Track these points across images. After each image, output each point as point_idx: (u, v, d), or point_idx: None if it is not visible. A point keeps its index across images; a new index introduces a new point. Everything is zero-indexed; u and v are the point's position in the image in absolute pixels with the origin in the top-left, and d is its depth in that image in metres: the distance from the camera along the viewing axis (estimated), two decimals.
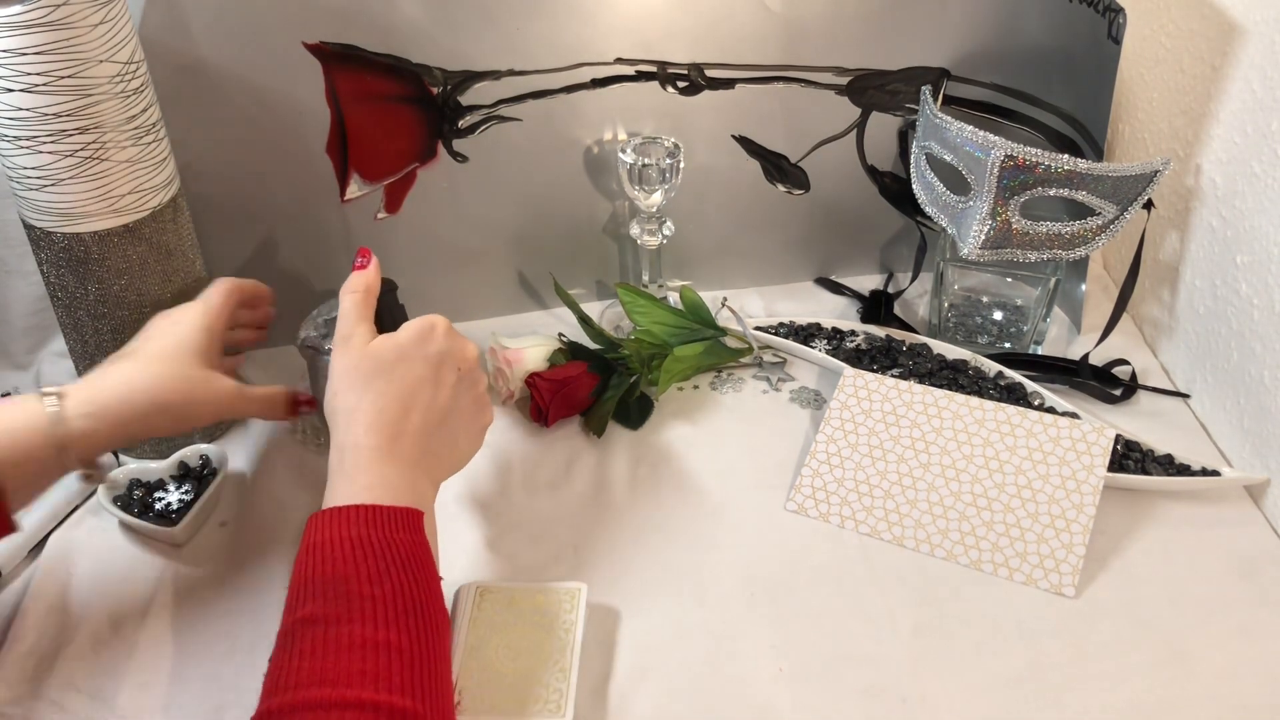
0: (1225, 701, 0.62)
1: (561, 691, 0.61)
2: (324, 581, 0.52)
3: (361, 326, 0.63)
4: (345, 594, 0.52)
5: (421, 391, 0.61)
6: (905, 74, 0.88)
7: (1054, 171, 0.75)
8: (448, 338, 0.63)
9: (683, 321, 0.86)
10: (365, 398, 0.60)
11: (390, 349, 0.61)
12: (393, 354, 0.61)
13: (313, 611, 0.51)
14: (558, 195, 0.89)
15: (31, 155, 0.65)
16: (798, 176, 0.92)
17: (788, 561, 0.71)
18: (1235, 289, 0.78)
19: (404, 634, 0.51)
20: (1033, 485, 0.73)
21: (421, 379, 0.61)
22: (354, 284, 0.65)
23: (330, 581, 0.52)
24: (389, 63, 0.81)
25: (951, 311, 0.91)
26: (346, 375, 0.61)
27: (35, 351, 0.88)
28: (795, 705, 0.62)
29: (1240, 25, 0.76)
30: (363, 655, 0.49)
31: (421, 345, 0.62)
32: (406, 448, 0.59)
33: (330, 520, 0.55)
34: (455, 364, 0.63)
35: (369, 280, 0.65)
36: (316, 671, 0.49)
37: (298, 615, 0.51)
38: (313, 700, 0.47)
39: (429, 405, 0.61)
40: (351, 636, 0.50)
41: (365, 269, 0.65)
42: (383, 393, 0.60)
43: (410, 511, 0.57)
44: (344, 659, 0.49)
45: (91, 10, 0.62)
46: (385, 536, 0.55)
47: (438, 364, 0.62)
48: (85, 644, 0.66)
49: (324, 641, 0.50)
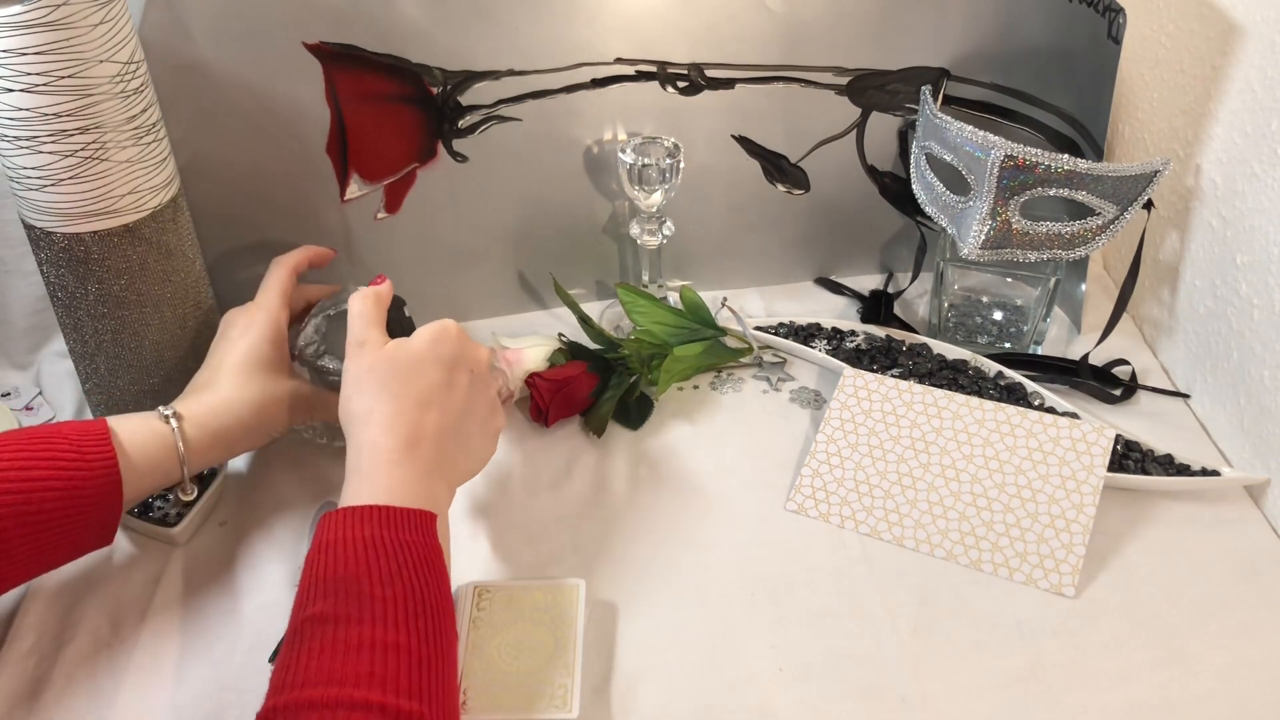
0: (1225, 701, 0.62)
1: (566, 687, 0.61)
2: (335, 581, 0.52)
3: (373, 331, 0.63)
4: (355, 594, 0.52)
5: (437, 393, 0.61)
6: (905, 74, 0.88)
7: (1054, 171, 0.75)
8: (460, 341, 0.64)
9: (683, 321, 0.86)
10: (382, 400, 0.60)
11: (405, 352, 0.62)
12: (407, 357, 0.62)
13: (322, 610, 0.51)
14: (558, 195, 0.89)
15: (31, 155, 0.65)
16: (798, 176, 0.92)
17: (788, 561, 0.71)
18: (1235, 289, 0.78)
19: (412, 636, 0.51)
20: (1033, 485, 0.73)
21: (437, 381, 0.62)
22: (364, 291, 0.66)
23: (341, 581, 0.52)
24: (389, 63, 0.81)
25: (951, 311, 0.91)
26: (361, 379, 0.61)
27: (35, 351, 0.88)
28: (795, 705, 0.62)
29: (1240, 25, 0.76)
30: (370, 656, 0.49)
31: (435, 348, 0.62)
32: (423, 450, 0.60)
33: (343, 520, 0.56)
34: (468, 367, 0.64)
35: (379, 290, 0.67)
36: (324, 670, 0.49)
37: (307, 613, 0.52)
38: (318, 699, 0.47)
39: (444, 407, 0.61)
40: (360, 637, 0.50)
41: (378, 285, 0.68)
42: (399, 395, 0.60)
43: (423, 514, 0.57)
44: (351, 659, 0.49)
45: (91, 10, 0.62)
46: (397, 538, 0.55)
47: (451, 366, 0.63)
48: (85, 644, 0.66)
49: (332, 641, 0.50)
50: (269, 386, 0.70)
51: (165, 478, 0.66)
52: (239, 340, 0.71)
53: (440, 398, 0.62)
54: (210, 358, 0.72)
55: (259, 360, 0.71)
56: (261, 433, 0.71)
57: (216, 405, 0.68)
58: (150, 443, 0.65)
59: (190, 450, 0.66)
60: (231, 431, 0.69)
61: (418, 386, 0.61)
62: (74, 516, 0.61)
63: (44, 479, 0.59)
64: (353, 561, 0.53)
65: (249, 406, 0.69)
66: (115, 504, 0.63)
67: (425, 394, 0.61)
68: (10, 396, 0.85)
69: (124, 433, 0.64)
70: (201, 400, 0.68)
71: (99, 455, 0.62)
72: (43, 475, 0.59)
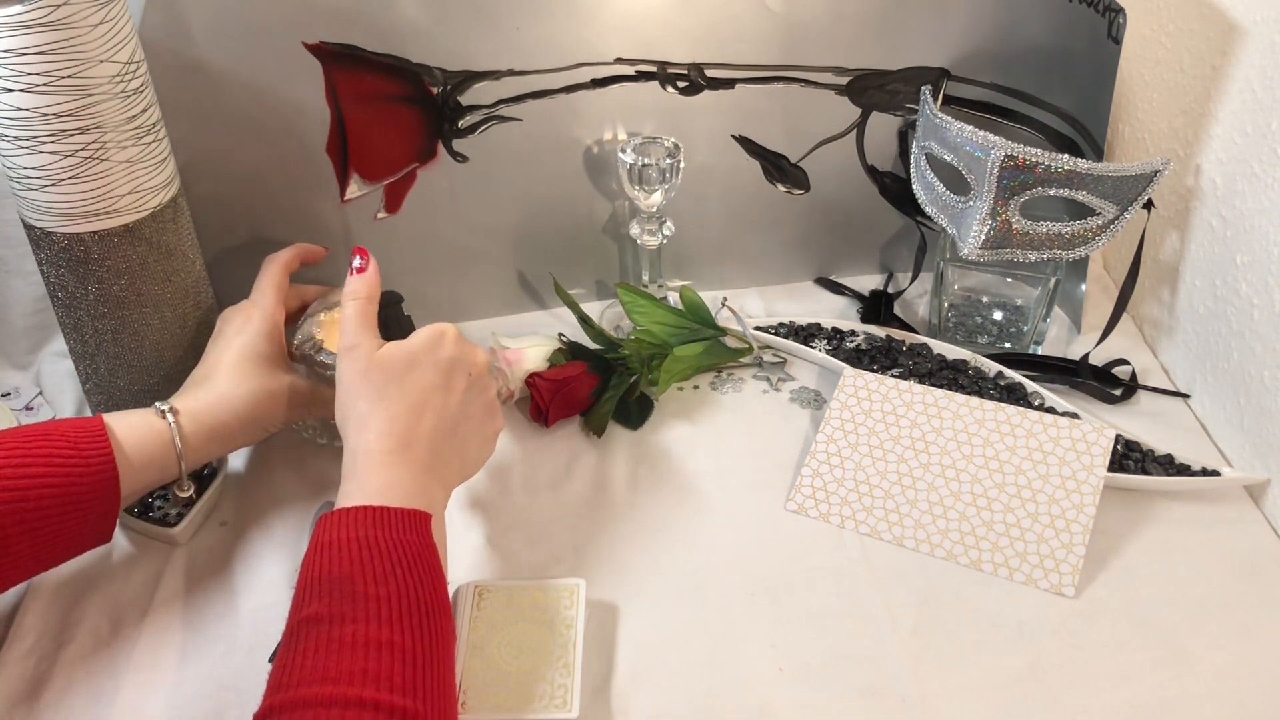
0: (1225, 701, 0.62)
1: (566, 687, 0.61)
2: (330, 581, 0.53)
3: (365, 335, 0.63)
4: (350, 594, 0.52)
5: (433, 398, 0.61)
6: (905, 74, 0.88)
7: (1054, 171, 0.75)
8: (457, 344, 0.64)
9: (683, 321, 0.86)
10: (377, 405, 0.60)
11: (401, 356, 0.61)
12: (403, 361, 0.61)
13: (318, 611, 0.51)
14: (558, 195, 0.89)
15: (31, 155, 0.65)
16: (798, 176, 0.92)
17: (788, 561, 0.71)
18: (1235, 289, 0.78)
19: (408, 634, 0.51)
20: (1033, 485, 0.73)
21: (433, 385, 0.62)
22: (355, 290, 0.65)
23: (336, 581, 0.52)
24: (389, 63, 0.81)
25: (951, 311, 0.91)
26: (355, 383, 0.61)
27: (35, 351, 0.88)
28: (795, 705, 0.62)
29: (1240, 25, 0.76)
30: (365, 654, 0.50)
31: (432, 352, 0.62)
32: (419, 453, 0.60)
33: (339, 521, 0.56)
34: (466, 370, 0.64)
35: (369, 285, 0.65)
36: (319, 669, 0.49)
37: (303, 614, 0.52)
38: (314, 698, 0.47)
39: (440, 411, 0.61)
40: (355, 636, 0.50)
41: (365, 271, 0.66)
42: (395, 400, 0.60)
43: (418, 514, 0.57)
44: (347, 658, 0.49)
45: (91, 10, 0.62)
46: (392, 537, 0.55)
47: (448, 370, 0.62)
48: (85, 644, 0.66)
49: (327, 640, 0.50)
50: (265, 381, 0.70)
51: (162, 473, 0.66)
52: (235, 337, 0.71)
53: (435, 402, 0.61)
54: (207, 355, 0.72)
55: (255, 355, 0.71)
56: (258, 427, 0.71)
57: (212, 400, 0.68)
58: (147, 438, 0.65)
59: (187, 445, 0.66)
60: (228, 426, 0.69)
61: (412, 391, 0.61)
62: (72, 513, 0.61)
63: (41, 476, 0.59)
64: (347, 562, 0.53)
65: (245, 401, 0.69)
66: (113, 500, 0.63)
67: (419, 399, 0.61)
68: (10, 396, 0.85)
69: (120, 429, 0.64)
70: (197, 396, 0.68)
71: (96, 451, 0.62)
72: (40, 472, 0.59)
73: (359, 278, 0.65)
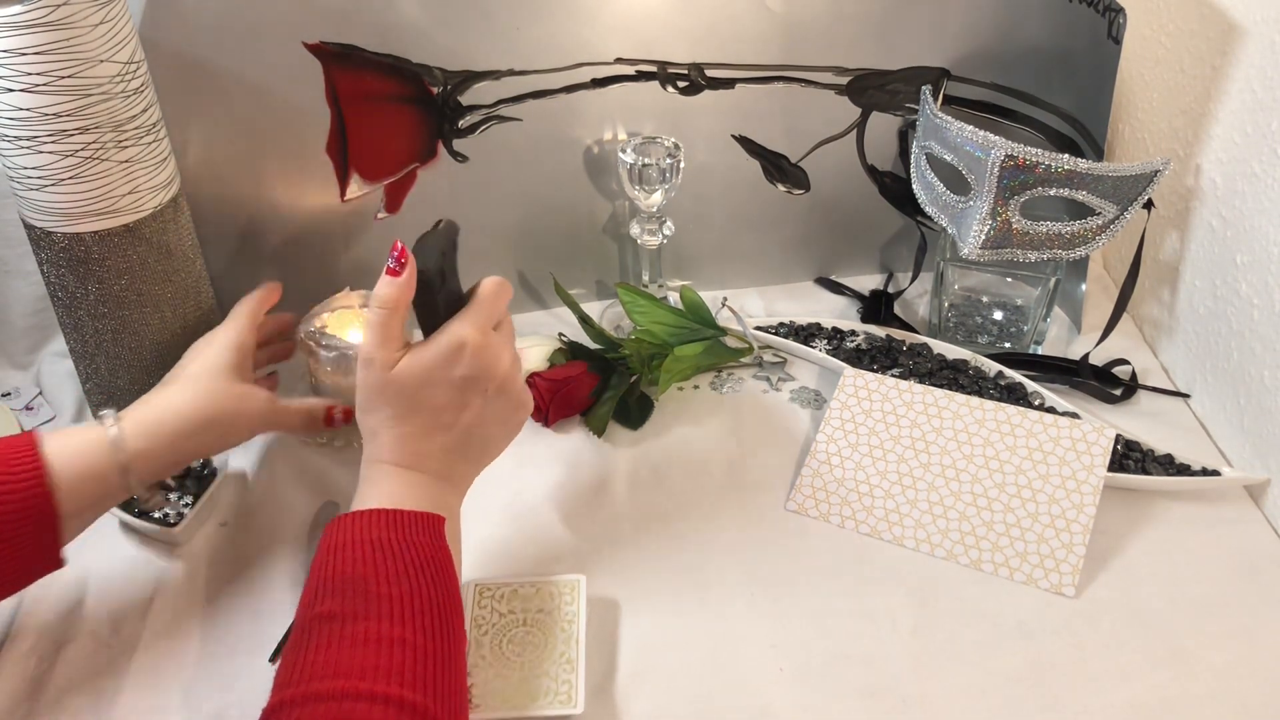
0: (1225, 701, 0.62)
1: (570, 683, 0.61)
2: (342, 580, 0.53)
3: (383, 348, 0.59)
4: (363, 593, 0.52)
5: (444, 415, 0.60)
6: (905, 74, 0.88)
7: (1054, 171, 0.75)
8: (475, 359, 0.59)
9: (683, 321, 0.86)
10: (390, 423, 0.60)
11: (416, 374, 0.59)
12: (417, 380, 0.59)
13: (330, 608, 0.51)
14: (558, 195, 0.89)
15: (31, 155, 0.65)
16: (798, 176, 0.92)
17: (788, 561, 0.71)
18: (1235, 289, 0.78)
19: (420, 632, 0.52)
20: (1033, 485, 0.73)
21: (445, 405, 0.60)
22: (385, 298, 0.58)
23: (349, 581, 0.53)
24: (389, 63, 0.81)
25: (951, 311, 0.91)
26: (370, 397, 0.60)
27: (35, 351, 0.88)
28: (795, 705, 0.62)
29: (1240, 25, 0.76)
30: (377, 650, 0.50)
31: (447, 369, 0.59)
32: (431, 466, 0.60)
33: (351, 523, 0.56)
34: (482, 387, 0.61)
35: (400, 294, 0.58)
36: (330, 664, 0.49)
37: (315, 611, 0.52)
38: (326, 691, 0.48)
39: (451, 428, 0.60)
40: (368, 632, 0.50)
41: (399, 277, 0.58)
42: (404, 419, 0.59)
43: (431, 516, 0.57)
44: (359, 653, 0.49)
45: (91, 10, 0.62)
46: (405, 539, 0.55)
47: (462, 388, 0.60)
48: (85, 644, 0.66)
49: (340, 636, 0.50)
50: (223, 390, 0.68)
51: (108, 485, 0.62)
52: (201, 350, 0.70)
53: (447, 418, 0.60)
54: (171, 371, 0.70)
55: (216, 366, 0.69)
56: (215, 436, 0.68)
57: (162, 407, 0.65)
58: (85, 449, 0.61)
59: (134, 454, 0.63)
60: (178, 434, 0.65)
61: (424, 411, 0.60)
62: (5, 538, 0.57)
63: None
64: (360, 562, 0.54)
65: (197, 409, 0.66)
66: (49, 520, 0.59)
67: (431, 419, 0.60)
68: (10, 396, 0.85)
69: (54, 442, 0.60)
70: (149, 403, 0.66)
71: (23, 466, 0.58)
72: None
73: (392, 283, 0.58)
